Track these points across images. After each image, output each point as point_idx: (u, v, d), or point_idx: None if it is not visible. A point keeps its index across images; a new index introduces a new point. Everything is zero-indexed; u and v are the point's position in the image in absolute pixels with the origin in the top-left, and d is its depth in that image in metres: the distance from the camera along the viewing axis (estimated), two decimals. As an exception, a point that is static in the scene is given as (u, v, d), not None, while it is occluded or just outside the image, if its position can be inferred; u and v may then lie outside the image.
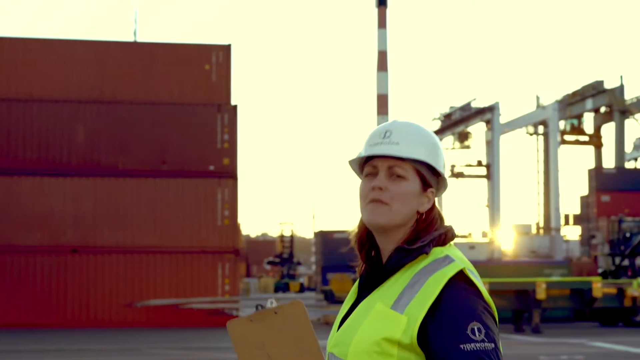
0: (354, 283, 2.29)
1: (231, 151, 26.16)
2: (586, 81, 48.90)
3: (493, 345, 1.99)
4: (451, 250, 2.14)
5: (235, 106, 26.39)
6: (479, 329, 1.99)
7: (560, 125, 47.66)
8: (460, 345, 1.97)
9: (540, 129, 50.16)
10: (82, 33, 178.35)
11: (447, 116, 50.56)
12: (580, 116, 49.65)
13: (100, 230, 25.42)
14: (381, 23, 45.79)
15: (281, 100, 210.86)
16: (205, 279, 25.48)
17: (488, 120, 46.55)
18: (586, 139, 50.06)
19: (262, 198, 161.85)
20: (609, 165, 47.58)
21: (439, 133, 51.92)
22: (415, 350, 2.02)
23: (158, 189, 25.66)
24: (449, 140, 51.67)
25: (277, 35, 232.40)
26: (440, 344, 1.99)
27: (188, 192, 25.67)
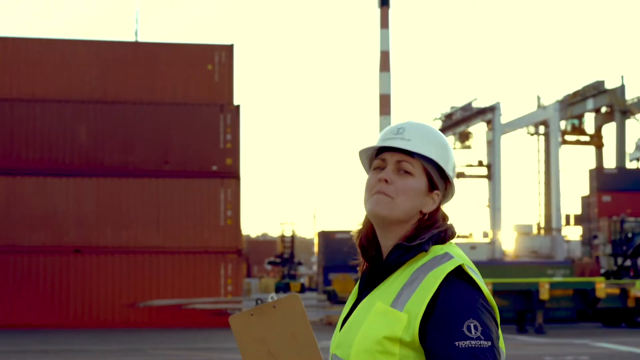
0: (357, 283, 2.29)
1: (234, 151, 26.13)
2: (587, 81, 48.96)
3: (490, 343, 1.97)
4: (451, 248, 2.14)
5: (237, 106, 26.36)
6: (476, 326, 1.98)
7: (561, 125, 47.72)
8: (455, 342, 1.96)
9: (541, 129, 50.22)
10: (83, 33, 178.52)
11: (448, 116, 50.61)
12: (581, 116, 49.71)
13: (103, 230, 25.39)
14: (384, 23, 45.84)
15: (283, 100, 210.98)
16: (208, 279, 25.45)
17: (489, 121, 46.59)
18: (587, 139, 50.13)
19: (262, 198, 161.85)
20: (610, 165, 47.64)
21: (440, 133, 51.91)
22: (416, 348, 2.02)
23: (161, 189, 25.64)
24: (450, 140, 51.71)
25: (280, 36, 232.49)
26: (436, 340, 1.98)
27: (191, 192, 25.64)
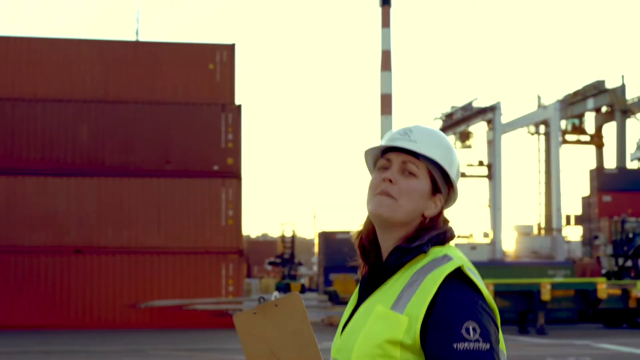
0: (358, 284, 2.29)
1: (235, 151, 26.11)
2: (587, 81, 48.93)
3: (488, 345, 1.96)
4: (450, 250, 2.14)
5: (239, 106, 26.34)
6: (474, 329, 1.96)
7: (562, 125, 47.70)
8: (454, 344, 1.95)
9: (542, 128, 50.20)
10: (84, 33, 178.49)
11: (449, 116, 50.59)
12: (581, 116, 49.67)
13: (104, 230, 25.38)
14: (385, 22, 45.79)
15: (284, 99, 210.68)
16: (209, 280, 25.43)
17: (489, 120, 46.56)
18: (587, 138, 50.10)
19: (262, 198, 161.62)
20: (611, 165, 47.61)
21: (441, 133, 51.89)
22: (417, 351, 2.01)
23: (162, 188, 25.62)
24: (450, 139, 51.60)
25: (281, 35, 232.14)
26: (435, 342, 1.97)
27: (192, 192, 25.63)
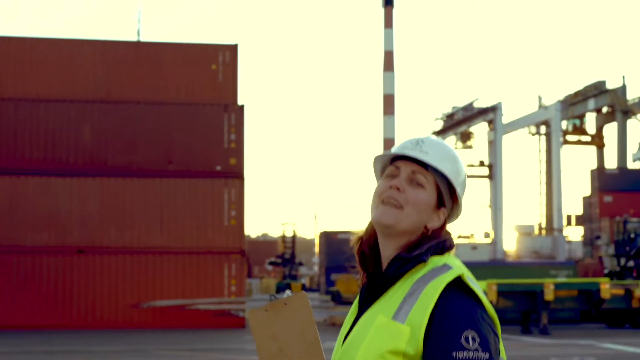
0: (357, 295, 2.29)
1: (238, 151, 26.11)
2: (588, 81, 48.92)
3: (487, 355, 1.97)
4: (449, 259, 2.14)
5: (242, 106, 26.34)
6: (474, 338, 1.97)
7: (563, 125, 47.72)
8: (453, 353, 1.95)
9: (543, 129, 50.19)
10: (84, 33, 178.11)
11: (450, 116, 50.60)
12: (582, 116, 49.67)
13: (107, 230, 25.37)
14: (388, 23, 45.78)
15: (287, 100, 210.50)
16: (211, 280, 25.43)
17: (490, 121, 46.59)
18: (588, 139, 50.09)
19: (262, 198, 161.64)
20: (611, 165, 47.61)
21: (442, 133, 51.97)
22: None
23: (165, 189, 25.62)
24: (451, 140, 51.69)
25: (284, 35, 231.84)
26: (434, 350, 1.98)
27: (195, 192, 25.62)
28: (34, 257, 24.89)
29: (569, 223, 48.04)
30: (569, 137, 49.84)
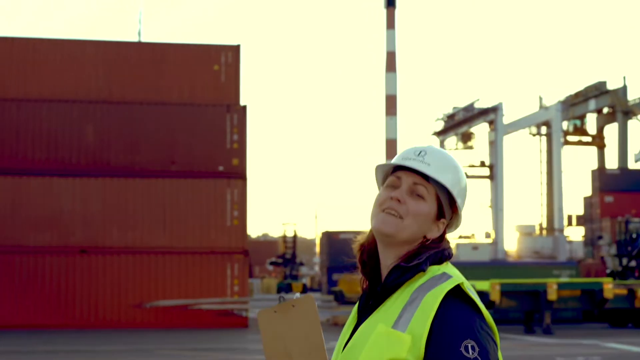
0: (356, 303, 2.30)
1: (240, 152, 26.11)
2: (589, 82, 48.89)
3: None
4: (448, 268, 2.16)
5: (244, 106, 26.34)
6: (473, 347, 1.99)
7: (563, 125, 47.78)
8: None
9: (543, 129, 50.26)
10: (85, 34, 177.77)
11: (451, 117, 50.65)
12: (583, 117, 49.74)
13: (109, 230, 25.37)
14: (390, 24, 45.81)
15: (289, 100, 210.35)
16: (214, 280, 25.43)
17: (491, 121, 46.65)
18: (589, 139, 50.16)
19: (263, 198, 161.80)
20: (612, 166, 47.66)
21: (442, 134, 52.03)
22: None
23: (167, 189, 25.62)
24: (452, 140, 51.75)
25: (286, 36, 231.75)
26: (434, 359, 1.99)
27: (197, 193, 25.63)
28: (36, 257, 24.89)
29: (569, 223, 48.11)
30: (570, 138, 49.90)
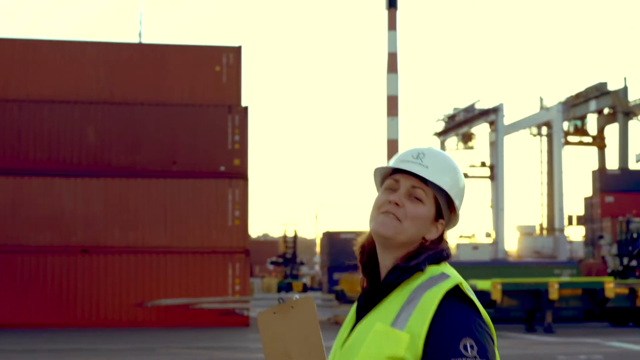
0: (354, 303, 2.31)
1: (242, 152, 26.15)
2: (590, 83, 48.98)
3: None
4: (446, 268, 2.17)
5: (245, 107, 26.37)
6: (472, 345, 2.00)
7: (564, 126, 47.82)
8: None
9: (544, 130, 50.32)
10: (85, 35, 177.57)
11: (451, 117, 50.68)
12: (583, 117, 49.78)
13: (111, 230, 25.41)
14: (391, 25, 45.85)
15: (291, 101, 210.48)
16: (215, 279, 25.47)
17: (492, 122, 46.70)
18: (589, 140, 50.20)
19: (263, 198, 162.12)
20: (613, 166, 47.70)
21: (443, 134, 52.06)
22: None
23: (169, 189, 25.66)
24: (453, 141, 51.79)
25: (287, 37, 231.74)
26: (433, 358, 2.01)
27: (199, 193, 25.67)
28: (38, 257, 24.93)
29: (570, 223, 48.16)
30: (571, 138, 49.94)
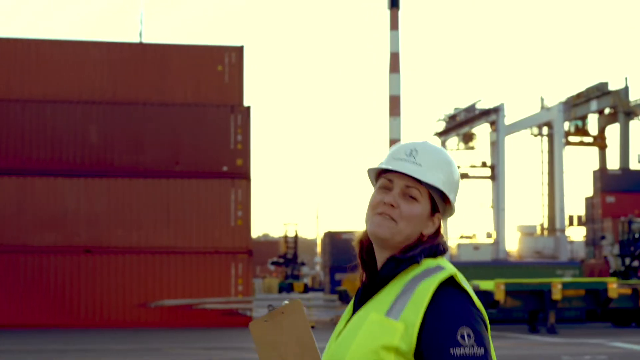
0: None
1: (244, 152, 26.17)
2: (591, 83, 48.94)
3: (483, 350, 2.01)
4: (442, 261, 2.17)
5: (248, 107, 26.39)
6: (469, 334, 2.01)
7: (565, 126, 47.81)
8: (450, 350, 1.99)
9: (545, 130, 50.30)
10: (85, 35, 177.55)
11: (452, 117, 50.68)
12: (584, 117, 49.75)
13: (114, 230, 25.42)
14: (393, 25, 45.89)
15: (293, 101, 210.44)
16: (218, 279, 25.49)
17: (493, 122, 46.70)
18: (590, 140, 50.16)
19: (263, 198, 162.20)
20: (614, 166, 47.68)
21: (444, 134, 52.06)
22: (412, 358, 2.04)
23: (171, 189, 25.68)
24: (454, 141, 51.79)
25: (290, 37, 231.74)
26: (431, 348, 2.01)
27: (201, 193, 25.69)
28: (41, 257, 24.95)
29: (571, 223, 48.14)
30: (571, 138, 49.91)
